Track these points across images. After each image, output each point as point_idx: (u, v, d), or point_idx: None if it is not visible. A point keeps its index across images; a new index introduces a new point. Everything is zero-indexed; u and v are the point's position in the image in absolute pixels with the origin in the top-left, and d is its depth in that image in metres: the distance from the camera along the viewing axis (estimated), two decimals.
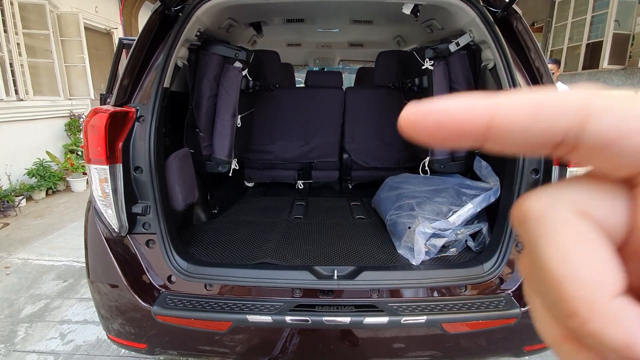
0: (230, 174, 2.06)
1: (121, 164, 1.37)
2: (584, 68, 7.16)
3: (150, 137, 1.40)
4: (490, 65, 1.61)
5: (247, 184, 3.07)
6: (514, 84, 1.46)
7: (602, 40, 6.95)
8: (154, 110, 1.41)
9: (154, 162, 1.41)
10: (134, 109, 1.42)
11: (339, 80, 2.71)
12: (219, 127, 1.93)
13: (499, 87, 1.59)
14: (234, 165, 2.06)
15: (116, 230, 1.41)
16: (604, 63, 6.69)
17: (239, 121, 2.01)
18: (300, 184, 3.07)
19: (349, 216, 2.29)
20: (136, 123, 1.42)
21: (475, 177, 1.82)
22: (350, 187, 3.08)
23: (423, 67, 1.93)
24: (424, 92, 2.04)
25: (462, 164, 1.96)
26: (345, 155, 2.93)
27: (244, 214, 2.29)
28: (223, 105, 1.91)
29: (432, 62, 1.90)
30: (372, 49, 3.80)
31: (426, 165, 2.04)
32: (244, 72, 1.93)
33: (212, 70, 1.86)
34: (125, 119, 1.40)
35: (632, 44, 6.77)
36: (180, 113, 1.88)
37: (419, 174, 2.11)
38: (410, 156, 2.86)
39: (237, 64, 1.89)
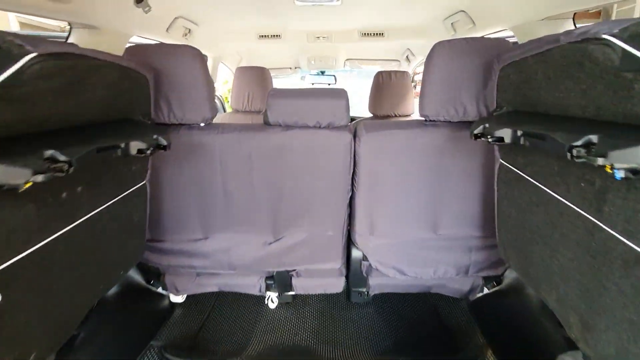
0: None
1: None
2: None
3: None
4: None
5: (173, 299, 1.64)
6: None
7: None
8: None
9: None
10: None
11: (341, 110, 1.21)
12: None
13: None
14: None
15: None
16: None
17: None
18: (272, 299, 1.62)
19: None
20: None
21: None
22: (369, 296, 1.62)
23: None
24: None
25: None
26: (356, 253, 1.45)
27: None
28: None
29: None
30: (401, 40, 2.29)
31: None
32: None
33: None
34: None
35: None
36: None
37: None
38: (494, 260, 1.38)
39: None
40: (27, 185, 0.57)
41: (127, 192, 1.03)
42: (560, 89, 0.73)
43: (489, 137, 0.86)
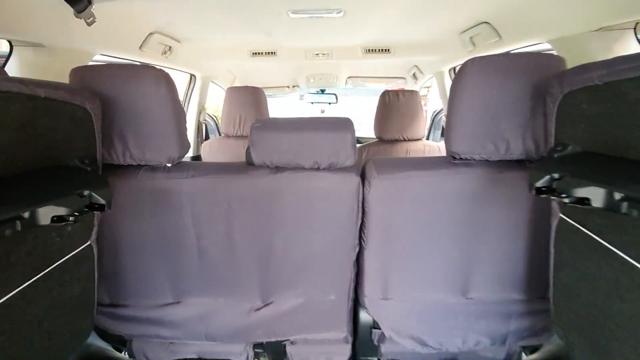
0: None
1: None
2: None
3: None
4: None
5: None
6: None
7: None
8: None
9: None
10: None
11: (347, 147, 0.95)
12: None
13: None
14: None
15: None
16: None
17: None
18: None
19: None
20: None
21: None
22: None
23: None
24: None
25: None
26: (365, 316, 1.17)
27: None
28: None
29: None
30: (409, 56, 2.06)
31: None
32: None
33: None
34: None
35: None
36: None
37: None
38: (539, 327, 1.09)
39: None
40: None
41: (60, 262, 0.76)
42: None
43: (563, 195, 0.59)
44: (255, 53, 2.03)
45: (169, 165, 0.94)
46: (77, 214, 0.60)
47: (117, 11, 1.09)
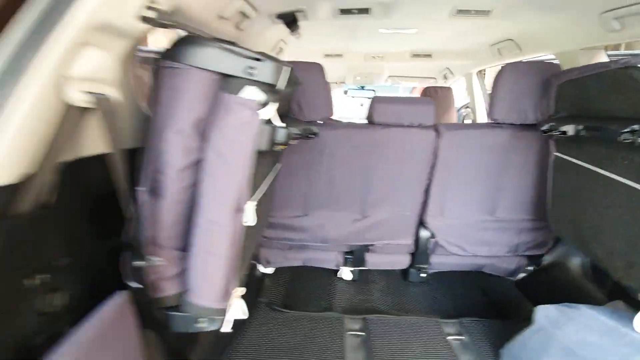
0: None
1: None
2: None
3: None
4: None
5: (262, 269, 1.95)
6: None
7: None
8: None
9: None
10: None
11: (429, 114, 1.57)
12: (202, 242, 0.81)
13: None
14: (231, 313, 0.93)
15: None
16: None
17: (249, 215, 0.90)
18: (347, 273, 1.93)
19: None
20: None
21: None
22: (425, 275, 1.92)
23: None
24: None
25: None
26: (424, 233, 1.77)
27: None
28: (216, 189, 0.79)
29: None
30: (445, 60, 2.67)
31: None
32: (267, 113, 0.82)
33: (190, 109, 0.76)
34: None
35: None
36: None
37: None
38: (540, 240, 1.69)
39: (253, 95, 0.78)
40: (283, 147, 0.92)
41: (273, 168, 1.38)
42: (609, 100, 1.07)
43: (554, 131, 1.20)
44: (327, 55, 2.64)
45: (321, 122, 1.56)
46: (309, 135, 1.22)
47: None
